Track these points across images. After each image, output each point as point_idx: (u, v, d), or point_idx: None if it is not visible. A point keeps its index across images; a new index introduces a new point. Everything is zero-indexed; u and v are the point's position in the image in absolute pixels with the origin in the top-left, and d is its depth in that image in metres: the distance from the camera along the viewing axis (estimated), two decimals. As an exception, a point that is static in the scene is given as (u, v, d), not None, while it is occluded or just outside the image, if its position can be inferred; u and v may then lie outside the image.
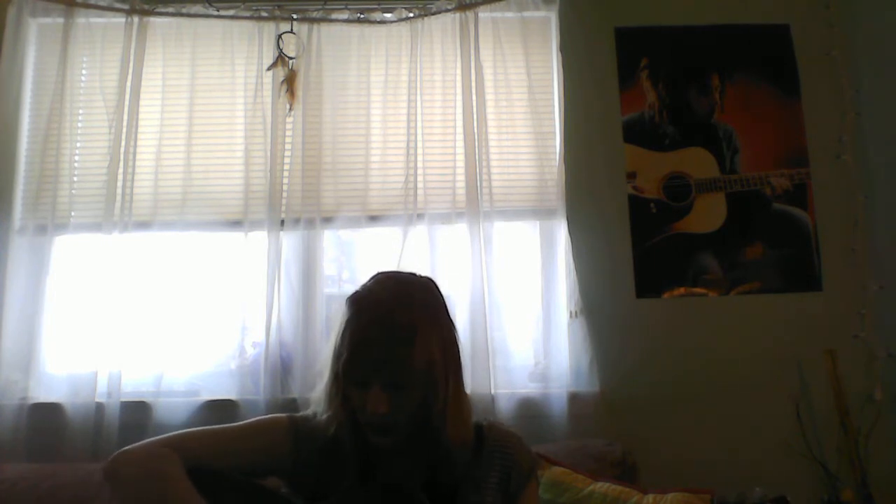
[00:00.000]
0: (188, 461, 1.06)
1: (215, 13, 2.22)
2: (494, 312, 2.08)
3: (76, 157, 2.16)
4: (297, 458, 1.15)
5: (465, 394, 1.19)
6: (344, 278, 2.36)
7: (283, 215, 2.13)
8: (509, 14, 2.26)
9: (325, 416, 1.15)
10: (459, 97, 2.19)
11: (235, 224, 2.14)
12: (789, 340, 2.14)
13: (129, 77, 2.16)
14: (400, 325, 1.09)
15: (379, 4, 2.26)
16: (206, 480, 1.04)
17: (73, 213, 2.12)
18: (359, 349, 1.09)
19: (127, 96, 2.14)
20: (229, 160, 2.18)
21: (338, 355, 1.12)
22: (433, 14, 2.24)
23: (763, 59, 2.33)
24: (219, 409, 2.00)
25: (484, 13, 2.25)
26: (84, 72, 2.20)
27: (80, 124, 2.17)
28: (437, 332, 1.13)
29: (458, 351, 1.18)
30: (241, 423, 1.19)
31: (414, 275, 1.22)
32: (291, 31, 2.21)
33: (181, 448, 1.07)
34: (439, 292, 1.21)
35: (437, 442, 1.14)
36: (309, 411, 1.20)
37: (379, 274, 1.21)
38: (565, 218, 2.16)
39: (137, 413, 1.97)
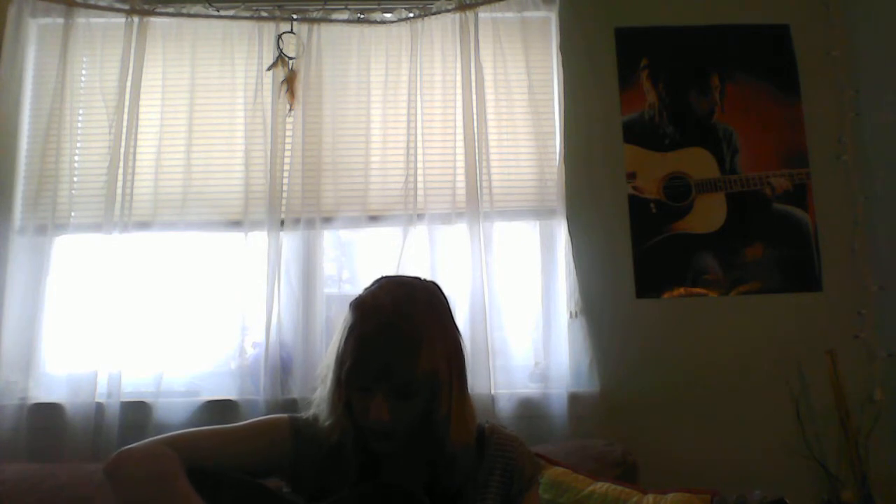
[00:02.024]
0: (189, 461, 1.05)
1: (215, 13, 2.22)
2: (494, 312, 2.08)
3: (76, 157, 2.16)
4: (297, 458, 1.15)
5: (468, 399, 1.18)
6: (344, 278, 2.36)
7: (283, 215, 2.13)
8: (509, 14, 2.26)
9: (328, 423, 1.14)
10: (459, 97, 2.19)
11: (235, 224, 2.14)
12: (789, 340, 2.14)
13: (129, 77, 2.16)
14: (404, 334, 1.07)
15: (379, 4, 2.26)
16: (206, 480, 1.04)
17: (73, 213, 2.12)
18: (362, 356, 1.08)
19: (127, 96, 2.14)
20: (229, 160, 2.18)
21: (340, 361, 1.10)
22: (433, 14, 2.24)
23: (763, 59, 2.33)
24: (219, 409, 2.00)
25: (484, 13, 2.25)
26: (84, 72, 2.20)
27: (80, 124, 2.17)
28: (441, 341, 1.12)
29: (463, 358, 1.17)
30: (241, 423, 1.19)
31: (418, 279, 1.21)
32: (291, 32, 2.21)
33: (182, 448, 1.07)
34: (444, 297, 1.20)
35: (439, 446, 1.14)
36: (310, 413, 1.19)
37: (383, 278, 1.19)
38: (565, 218, 2.15)
39: (137, 413, 1.97)
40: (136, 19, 2.19)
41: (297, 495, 1.17)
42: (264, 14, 2.23)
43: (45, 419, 1.95)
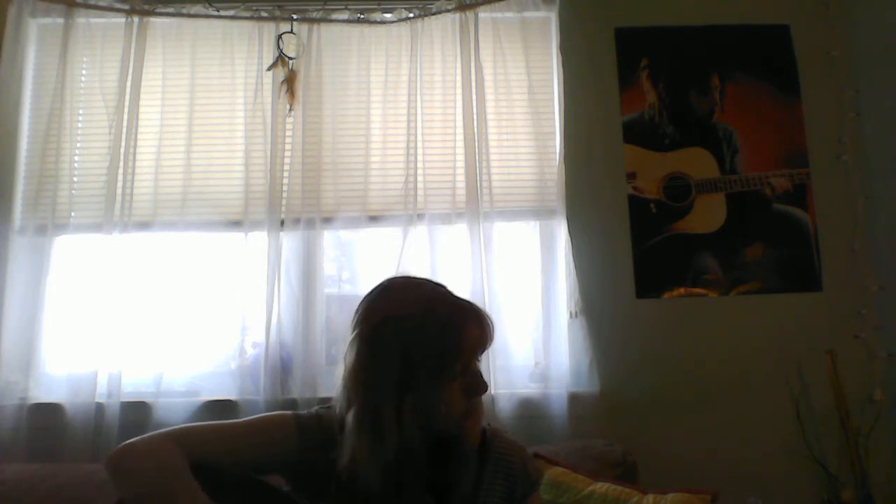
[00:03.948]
0: (192, 456, 1.05)
1: (215, 13, 2.22)
2: (494, 312, 2.07)
3: (76, 157, 2.16)
4: (301, 456, 1.14)
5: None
6: (344, 278, 2.36)
7: (283, 215, 2.13)
8: (509, 14, 2.26)
9: (385, 441, 1.07)
10: (459, 97, 2.20)
11: (235, 224, 2.14)
12: (789, 340, 2.14)
13: (129, 77, 2.16)
14: (480, 310, 1.19)
15: (379, 4, 2.26)
16: (208, 476, 1.04)
17: (73, 214, 2.12)
18: (472, 328, 1.15)
19: (127, 96, 2.14)
20: (229, 160, 2.18)
21: (442, 351, 1.10)
22: (433, 14, 2.24)
23: (763, 59, 2.33)
24: (219, 409, 1.99)
25: (484, 13, 2.25)
26: (84, 72, 2.20)
27: (80, 124, 2.17)
28: None
29: None
30: (246, 418, 1.19)
31: (415, 277, 1.25)
32: (291, 32, 2.21)
33: (185, 442, 1.06)
34: None
35: (455, 443, 1.14)
36: (313, 410, 1.19)
37: (401, 283, 1.22)
38: (565, 218, 2.15)
39: (137, 413, 1.97)
40: (136, 19, 2.19)
41: (298, 493, 1.16)
42: (264, 14, 2.23)
43: (45, 419, 1.95)
